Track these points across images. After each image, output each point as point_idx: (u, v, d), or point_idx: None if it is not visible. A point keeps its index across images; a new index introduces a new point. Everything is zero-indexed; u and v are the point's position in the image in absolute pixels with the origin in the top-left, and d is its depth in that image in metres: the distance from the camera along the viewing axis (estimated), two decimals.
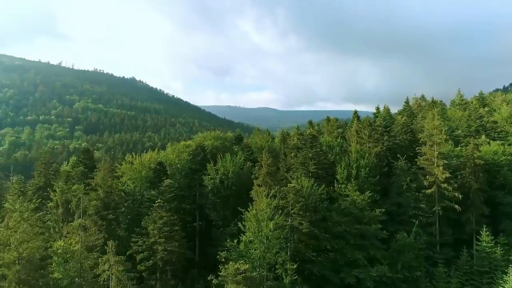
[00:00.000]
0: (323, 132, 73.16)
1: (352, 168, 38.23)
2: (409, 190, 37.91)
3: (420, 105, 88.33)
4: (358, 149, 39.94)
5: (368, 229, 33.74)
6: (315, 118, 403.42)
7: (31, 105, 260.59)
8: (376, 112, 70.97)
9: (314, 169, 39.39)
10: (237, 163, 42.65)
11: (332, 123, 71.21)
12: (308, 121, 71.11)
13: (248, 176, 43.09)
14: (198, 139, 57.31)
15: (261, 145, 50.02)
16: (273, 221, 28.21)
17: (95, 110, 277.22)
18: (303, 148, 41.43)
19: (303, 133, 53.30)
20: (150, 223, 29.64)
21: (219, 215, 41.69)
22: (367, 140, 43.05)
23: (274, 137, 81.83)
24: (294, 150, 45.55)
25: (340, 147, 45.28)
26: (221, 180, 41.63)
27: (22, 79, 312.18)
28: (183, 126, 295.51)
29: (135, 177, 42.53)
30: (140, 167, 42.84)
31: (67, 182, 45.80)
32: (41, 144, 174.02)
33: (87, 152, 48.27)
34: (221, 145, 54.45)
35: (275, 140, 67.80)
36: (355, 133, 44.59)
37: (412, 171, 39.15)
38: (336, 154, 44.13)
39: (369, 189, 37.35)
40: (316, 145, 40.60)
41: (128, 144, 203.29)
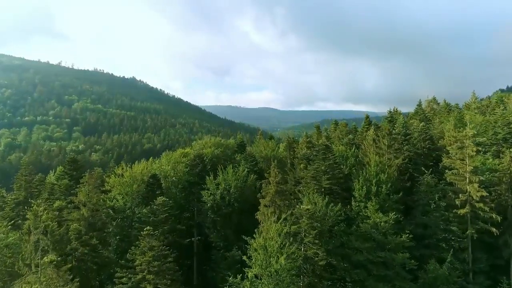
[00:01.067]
0: (331, 137, 68.38)
1: (371, 183, 33.42)
2: (437, 210, 33.10)
3: (433, 108, 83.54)
4: (377, 161, 35.12)
5: (394, 258, 28.95)
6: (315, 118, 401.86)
7: (29, 106, 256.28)
8: (389, 117, 66.09)
9: (327, 184, 34.65)
10: (240, 176, 37.91)
11: (341, 128, 66.44)
12: (315, 125, 66.33)
13: (252, 190, 38.41)
14: (197, 146, 52.59)
15: (266, 154, 45.25)
16: (284, 255, 23.42)
17: (94, 110, 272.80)
18: (315, 160, 36.63)
19: (312, 140, 48.50)
20: (137, 255, 24.93)
21: (219, 235, 36.98)
22: (386, 151, 38.24)
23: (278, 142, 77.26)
24: (303, 161, 40.76)
25: (355, 158, 40.48)
26: (222, 196, 36.91)
27: (21, 79, 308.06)
28: (183, 127, 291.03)
29: (126, 192, 37.81)
30: (131, 180, 38.11)
31: (50, 196, 41.28)
32: (37, 146, 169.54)
33: (73, 162, 43.51)
34: (222, 153, 49.69)
35: (279, 147, 63.15)
36: (372, 143, 39.77)
37: (440, 187, 34.32)
38: (351, 166, 39.35)
39: (391, 208, 32.62)
40: (329, 156, 35.79)
41: (127, 146, 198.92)
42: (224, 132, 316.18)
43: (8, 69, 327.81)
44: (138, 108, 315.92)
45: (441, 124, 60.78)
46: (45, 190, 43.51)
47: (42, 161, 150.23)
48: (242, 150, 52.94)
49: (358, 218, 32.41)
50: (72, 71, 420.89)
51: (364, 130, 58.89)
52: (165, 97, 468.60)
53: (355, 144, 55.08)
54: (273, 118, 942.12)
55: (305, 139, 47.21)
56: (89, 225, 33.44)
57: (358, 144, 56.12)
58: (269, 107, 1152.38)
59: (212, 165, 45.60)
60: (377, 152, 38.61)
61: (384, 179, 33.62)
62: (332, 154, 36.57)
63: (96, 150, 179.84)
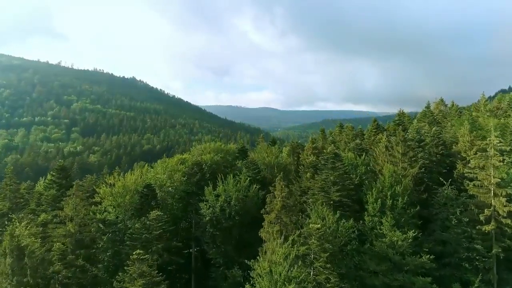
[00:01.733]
0: (336, 141, 65.35)
1: (386, 196, 30.43)
2: (458, 225, 30.09)
3: (441, 110, 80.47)
4: (391, 171, 32.10)
5: (414, 281, 25.98)
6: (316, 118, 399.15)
7: (27, 106, 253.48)
8: (398, 120, 63.06)
9: (337, 196, 31.67)
10: (242, 186, 34.92)
11: (347, 132, 63.38)
12: (320, 129, 63.31)
13: (255, 201, 35.44)
14: (196, 151, 49.55)
15: (269, 161, 42.23)
16: (293, 285, 20.44)
17: (93, 111, 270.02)
18: (323, 169, 33.63)
19: (318, 146, 45.49)
20: (126, 282, 21.97)
21: (219, 251, 34.00)
22: (400, 159, 35.19)
23: (281, 145, 74.23)
24: (310, 169, 37.77)
25: (366, 166, 37.45)
26: (221, 208, 33.92)
27: (20, 79, 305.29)
28: (183, 127, 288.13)
29: (118, 203, 34.85)
30: (124, 190, 35.14)
31: (37, 207, 38.35)
32: (34, 147, 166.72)
33: (62, 170, 40.53)
34: (222, 159, 46.69)
35: (282, 151, 60.22)
36: (385, 150, 36.74)
37: (461, 200, 31.29)
38: (361, 175, 36.33)
39: (407, 224, 29.66)
40: (338, 166, 32.78)
41: (126, 147, 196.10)
42: (224, 132, 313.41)
43: (7, 69, 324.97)
44: (138, 109, 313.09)
45: (453, 127, 57.79)
46: (32, 200, 40.61)
47: (39, 163, 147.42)
48: (243, 156, 49.95)
49: (372, 234, 29.49)
50: (71, 71, 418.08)
51: (372, 134, 55.88)
52: (165, 97, 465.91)
53: (363, 150, 52.12)
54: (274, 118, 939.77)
55: (311, 145, 44.17)
56: (76, 242, 30.52)
57: (366, 149, 53.17)
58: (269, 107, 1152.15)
59: (212, 172, 42.62)
60: (390, 161, 35.60)
61: (399, 191, 30.62)
62: (341, 163, 33.55)
63: (94, 151, 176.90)
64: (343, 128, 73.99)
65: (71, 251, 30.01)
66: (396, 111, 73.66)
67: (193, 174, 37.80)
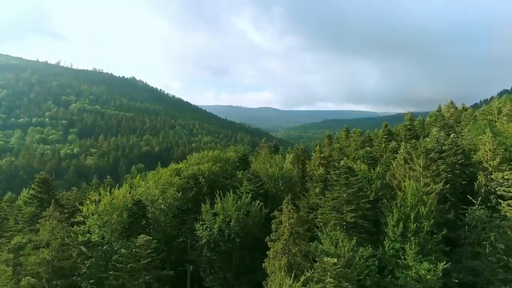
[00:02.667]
0: (343, 146, 61.41)
1: (409, 219, 26.50)
2: (493, 253, 26.18)
3: (453, 114, 76.44)
4: (413, 188, 28.17)
5: None
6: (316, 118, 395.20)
7: (24, 107, 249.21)
8: (409, 125, 58.99)
9: (352, 217, 27.75)
10: (243, 204, 30.99)
11: (355, 137, 59.38)
12: (326, 135, 59.33)
13: (257, 220, 31.52)
14: (193, 160, 45.61)
15: (273, 172, 38.26)
16: None
17: (92, 111, 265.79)
18: (334, 185, 29.70)
19: (326, 156, 41.50)
20: None
21: (217, 277, 30.08)
22: (421, 174, 31.24)
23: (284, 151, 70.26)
24: (319, 183, 33.82)
25: (381, 180, 33.49)
26: (220, 229, 29.99)
27: (18, 79, 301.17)
28: (183, 128, 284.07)
29: (103, 222, 30.94)
30: (111, 208, 31.21)
31: (15, 225, 34.45)
32: (29, 149, 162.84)
33: (44, 184, 36.54)
34: (221, 169, 42.77)
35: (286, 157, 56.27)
36: (404, 163, 32.76)
37: (495, 223, 27.34)
38: (376, 191, 32.39)
39: (434, 251, 25.77)
40: (352, 181, 28.83)
41: (124, 149, 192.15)
42: (224, 133, 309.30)
43: (5, 68, 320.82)
44: (137, 109, 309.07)
45: (468, 133, 53.84)
46: (11, 216, 36.72)
47: (34, 166, 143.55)
48: (244, 165, 46.06)
49: (393, 262, 25.58)
50: (70, 71, 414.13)
51: (382, 141, 51.92)
52: (165, 97, 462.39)
53: (374, 158, 48.24)
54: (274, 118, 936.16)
55: (319, 155, 40.18)
56: (54, 271, 26.65)
57: (377, 158, 49.25)
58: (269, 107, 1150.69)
59: (210, 184, 38.74)
60: (410, 175, 31.66)
61: (424, 212, 26.69)
62: (355, 178, 29.61)
63: (91, 153, 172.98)
64: (349, 132, 70.09)
65: (47, 282, 26.17)
66: (396, 111, 70.84)
67: (189, 189, 33.86)
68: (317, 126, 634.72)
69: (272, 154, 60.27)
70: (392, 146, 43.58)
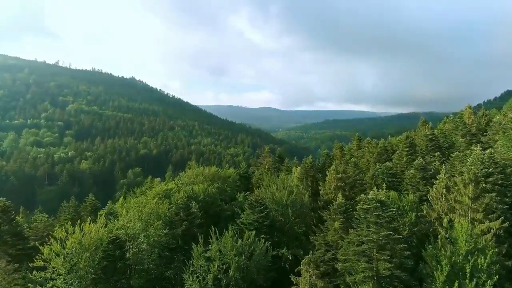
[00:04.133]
0: (356, 156, 55.02)
1: (463, 271, 20.12)
2: None
3: (474, 121, 69.93)
4: (465, 228, 21.74)
5: None
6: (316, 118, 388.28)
7: (20, 108, 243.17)
8: (430, 135, 52.33)
9: (387, 269, 21.36)
10: (245, 245, 24.62)
11: (371, 148, 52.80)
12: (338, 146, 52.85)
13: (263, 264, 25.19)
14: (186, 179, 39.24)
15: (281, 197, 31.83)
16: None
17: (89, 112, 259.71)
18: (361, 222, 23.31)
19: (343, 177, 35.02)
20: None
21: None
22: (470, 206, 24.78)
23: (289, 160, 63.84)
24: (338, 216, 27.41)
25: (416, 212, 27.05)
26: (215, 278, 23.62)
27: (15, 79, 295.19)
28: (183, 129, 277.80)
29: (71, 267, 24.62)
30: (80, 248, 24.90)
31: None
32: (22, 153, 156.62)
33: (3, 212, 30.18)
34: (220, 190, 36.38)
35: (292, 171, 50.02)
36: (444, 189, 26.33)
37: None
38: (410, 226, 26.00)
39: None
40: (385, 219, 22.42)
41: (120, 152, 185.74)
42: (224, 134, 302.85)
43: (2, 68, 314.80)
44: (136, 110, 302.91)
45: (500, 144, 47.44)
46: None
47: (26, 171, 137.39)
48: (246, 184, 39.69)
49: None
50: (69, 71, 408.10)
51: (403, 154, 45.40)
52: (165, 97, 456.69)
53: (395, 175, 41.93)
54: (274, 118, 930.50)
55: (334, 176, 33.70)
56: None
57: (397, 174, 42.90)
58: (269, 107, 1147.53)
59: (205, 210, 32.40)
60: (454, 207, 25.24)
61: (484, 264, 20.28)
62: (389, 215, 23.16)
63: (86, 157, 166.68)
64: (361, 141, 63.70)
65: None
66: (396, 111, 63.81)
67: (179, 222, 27.49)
68: (318, 127, 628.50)
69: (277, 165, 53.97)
70: (418, 163, 37.18)
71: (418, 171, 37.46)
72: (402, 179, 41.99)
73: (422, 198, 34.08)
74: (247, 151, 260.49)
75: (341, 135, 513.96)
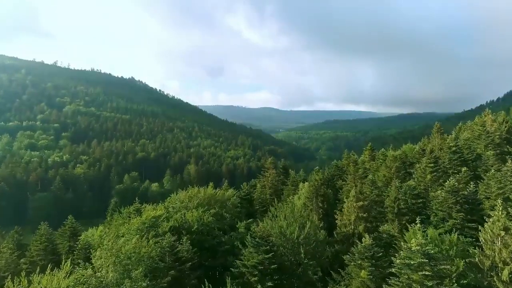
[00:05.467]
0: (370, 170, 49.49)
1: None
2: None
3: (497, 128, 64.24)
4: None
5: None
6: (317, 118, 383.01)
7: (15, 109, 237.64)
8: (454, 146, 46.54)
9: None
10: None
11: (388, 163, 46.95)
12: (351, 160, 47.17)
13: None
14: (176, 202, 33.60)
15: (291, 233, 26.21)
16: None
17: (86, 113, 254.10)
18: (400, 278, 17.73)
19: (366, 206, 29.37)
20: None
21: None
22: None
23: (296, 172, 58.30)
24: (366, 260, 21.79)
25: (467, 261, 21.36)
26: None
27: (11, 79, 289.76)
28: (182, 131, 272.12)
29: None
30: None
31: None
32: (15, 157, 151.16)
33: None
34: (216, 217, 30.78)
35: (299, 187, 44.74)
36: (503, 231, 20.69)
37: None
38: (459, 277, 20.35)
39: None
40: (434, 279, 16.86)
41: (117, 155, 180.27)
42: (225, 136, 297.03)
43: None
44: (135, 111, 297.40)
45: None
46: None
47: (17, 177, 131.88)
48: (247, 206, 34.09)
49: None
50: (67, 71, 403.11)
51: (427, 172, 39.74)
52: (164, 98, 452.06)
53: (420, 196, 36.42)
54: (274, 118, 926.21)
55: (355, 204, 28.08)
56: None
57: (422, 195, 37.37)
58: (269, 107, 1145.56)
59: (199, 245, 26.83)
60: None
61: None
62: (438, 273, 17.56)
63: (82, 161, 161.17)
64: (374, 151, 58.09)
65: None
66: (396, 112, 58.34)
67: (164, 270, 21.86)
68: (319, 127, 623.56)
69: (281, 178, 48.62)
70: (450, 185, 31.58)
71: (450, 194, 31.91)
72: (427, 199, 36.53)
73: (462, 229, 28.60)
74: (248, 153, 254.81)
75: (342, 136, 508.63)
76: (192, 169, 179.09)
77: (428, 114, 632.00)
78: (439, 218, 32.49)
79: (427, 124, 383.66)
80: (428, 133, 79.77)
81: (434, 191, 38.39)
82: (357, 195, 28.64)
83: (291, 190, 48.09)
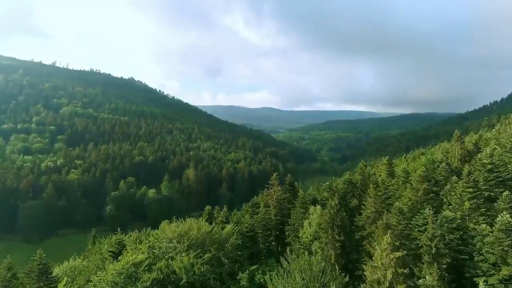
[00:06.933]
0: (386, 185, 43.30)
1: None
2: None
3: None
4: None
5: None
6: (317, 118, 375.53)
7: (11, 111, 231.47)
8: (489, 163, 40.10)
9: None
10: None
11: (415, 183, 40.56)
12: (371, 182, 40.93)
13: None
14: (164, 241, 27.32)
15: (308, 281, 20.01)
16: None
17: (84, 115, 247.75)
18: None
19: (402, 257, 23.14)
20: None
21: None
22: None
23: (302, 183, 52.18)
24: None
25: None
26: None
27: (8, 80, 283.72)
28: (181, 133, 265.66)
29: None
30: None
31: None
32: (7, 162, 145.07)
33: None
34: (213, 262, 24.53)
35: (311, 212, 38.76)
36: None
37: None
38: None
39: None
40: None
41: (114, 159, 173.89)
42: (225, 137, 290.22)
43: None
44: (133, 112, 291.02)
45: None
46: None
47: (7, 184, 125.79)
48: (251, 244, 27.83)
49: None
50: (66, 72, 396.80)
51: (465, 198, 33.40)
52: (164, 98, 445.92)
53: (459, 228, 30.29)
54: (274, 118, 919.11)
55: (388, 252, 21.78)
56: None
57: (463, 228, 31.27)
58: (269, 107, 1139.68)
59: None
60: None
61: None
62: None
63: (76, 166, 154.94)
64: (392, 166, 51.78)
65: None
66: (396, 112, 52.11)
67: None
68: (320, 127, 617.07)
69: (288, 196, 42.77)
70: (504, 223, 25.37)
71: (503, 233, 25.68)
72: (467, 234, 30.39)
73: None
74: (249, 156, 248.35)
75: (343, 137, 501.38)
76: (191, 174, 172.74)
77: (429, 114, 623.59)
78: (489, 263, 26.25)
79: (428, 125, 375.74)
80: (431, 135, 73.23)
81: (474, 222, 32.16)
82: (393, 241, 22.12)
83: (300, 213, 41.88)
